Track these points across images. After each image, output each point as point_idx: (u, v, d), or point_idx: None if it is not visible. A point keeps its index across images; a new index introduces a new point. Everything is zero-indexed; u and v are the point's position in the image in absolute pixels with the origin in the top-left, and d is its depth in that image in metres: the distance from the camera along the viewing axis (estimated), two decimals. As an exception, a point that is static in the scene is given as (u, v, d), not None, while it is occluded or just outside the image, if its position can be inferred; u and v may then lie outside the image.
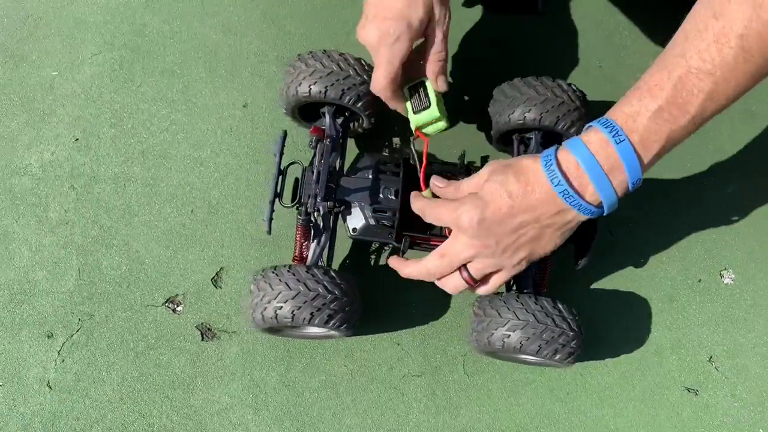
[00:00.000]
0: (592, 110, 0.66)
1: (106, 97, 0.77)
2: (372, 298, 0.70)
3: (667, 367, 0.72)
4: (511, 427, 0.69)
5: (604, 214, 0.53)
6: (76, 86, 0.77)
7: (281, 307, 0.58)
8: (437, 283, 0.61)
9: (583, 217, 0.53)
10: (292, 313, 0.58)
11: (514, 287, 0.66)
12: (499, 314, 0.60)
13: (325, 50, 0.65)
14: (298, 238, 0.65)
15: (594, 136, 0.50)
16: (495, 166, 0.55)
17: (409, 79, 0.65)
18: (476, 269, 0.58)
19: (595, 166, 0.50)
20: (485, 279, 0.59)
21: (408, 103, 0.65)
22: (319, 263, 0.64)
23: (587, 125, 0.52)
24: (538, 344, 0.59)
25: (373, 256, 0.73)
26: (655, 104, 0.48)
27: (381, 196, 0.64)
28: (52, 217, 0.73)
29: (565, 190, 0.51)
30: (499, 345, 0.60)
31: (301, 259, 0.65)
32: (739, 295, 0.75)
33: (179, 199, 0.74)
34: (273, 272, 0.60)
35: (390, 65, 0.60)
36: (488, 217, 0.53)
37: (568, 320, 0.60)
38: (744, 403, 0.71)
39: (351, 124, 0.71)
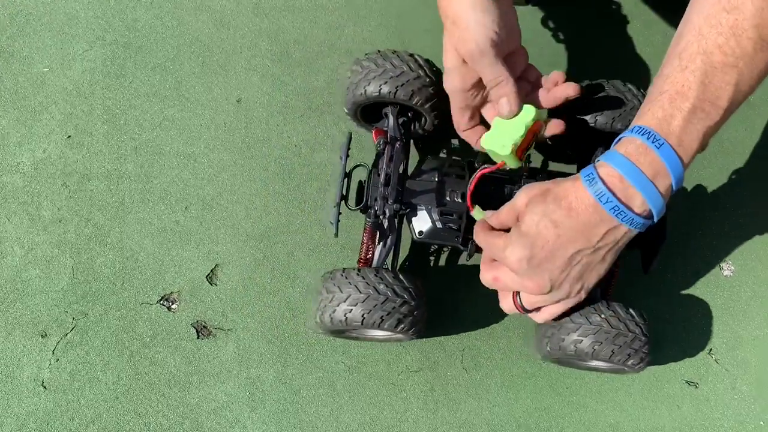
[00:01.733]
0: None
1: (98, 93, 0.76)
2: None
3: (667, 360, 0.72)
4: (511, 422, 0.69)
5: (654, 222, 0.51)
6: (67, 83, 0.77)
7: (351, 310, 0.58)
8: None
9: (634, 232, 0.51)
10: (362, 316, 0.58)
11: None
12: (570, 319, 0.59)
13: (394, 50, 0.64)
14: (365, 240, 0.64)
15: (631, 146, 0.49)
16: (531, 194, 0.52)
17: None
18: (528, 303, 0.57)
19: (639, 175, 0.48)
20: (540, 308, 0.58)
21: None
22: (384, 265, 0.64)
23: (618, 137, 0.51)
24: (611, 349, 0.58)
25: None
26: (688, 104, 0.48)
27: (447, 198, 0.63)
28: (44, 216, 0.72)
29: (616, 206, 0.49)
30: (572, 350, 0.59)
31: (366, 261, 0.65)
32: (739, 287, 0.74)
33: (173, 195, 0.73)
34: (342, 274, 0.59)
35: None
36: (536, 253, 0.51)
37: (640, 325, 0.59)
38: (744, 395, 0.71)
39: (412, 125, 0.70)
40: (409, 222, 0.64)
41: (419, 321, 0.60)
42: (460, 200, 0.63)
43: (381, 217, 0.62)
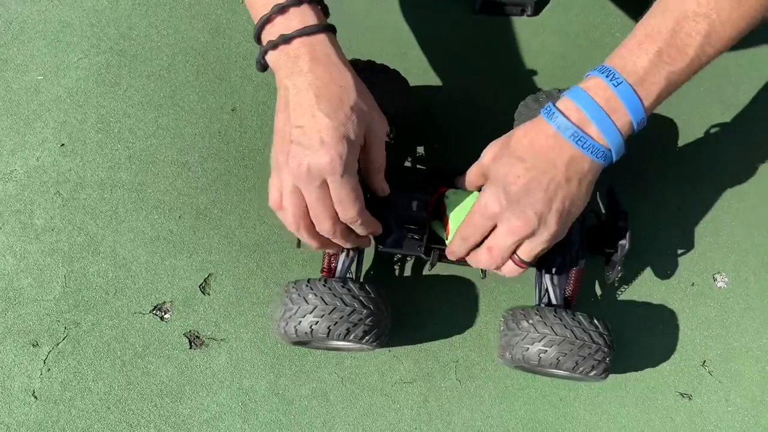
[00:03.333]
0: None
1: (92, 101, 0.76)
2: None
3: (660, 371, 0.72)
4: (504, 433, 0.69)
5: (614, 159, 0.52)
6: (61, 90, 0.76)
7: (317, 322, 0.57)
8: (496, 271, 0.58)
9: (598, 163, 0.52)
10: (328, 328, 0.57)
11: (545, 300, 0.65)
12: (535, 329, 0.60)
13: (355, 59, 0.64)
14: (326, 252, 0.64)
15: (591, 82, 0.51)
16: (495, 148, 0.55)
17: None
18: (526, 251, 0.55)
19: (594, 107, 0.50)
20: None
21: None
22: (348, 275, 0.64)
23: (586, 75, 0.52)
24: (575, 360, 0.58)
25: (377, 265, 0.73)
26: (654, 47, 0.50)
27: (409, 208, 0.62)
28: (37, 224, 0.72)
29: (574, 132, 0.50)
30: (535, 361, 0.59)
31: (330, 271, 0.65)
32: (733, 299, 0.74)
33: (166, 204, 0.73)
34: (307, 285, 0.59)
35: (360, 192, 0.53)
36: (511, 189, 0.51)
37: (604, 336, 0.60)
38: (738, 407, 0.71)
39: None
40: None
41: (384, 331, 0.60)
42: (422, 209, 0.62)
43: None
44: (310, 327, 0.58)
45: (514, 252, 0.55)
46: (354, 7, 0.81)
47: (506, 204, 0.52)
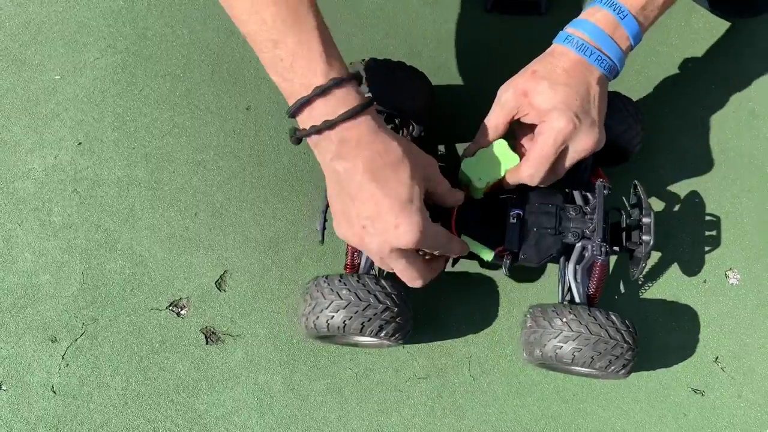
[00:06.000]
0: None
1: (108, 100, 0.77)
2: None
3: (673, 368, 0.72)
4: (517, 429, 0.69)
5: (618, 73, 0.60)
6: (78, 90, 0.77)
7: (333, 317, 0.58)
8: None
9: (609, 78, 0.59)
10: (343, 322, 0.58)
11: (567, 298, 0.65)
12: (551, 325, 0.60)
13: (380, 59, 0.65)
14: (349, 247, 0.65)
15: (598, 14, 0.58)
16: (522, 85, 0.59)
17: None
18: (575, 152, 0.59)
19: (604, 36, 0.57)
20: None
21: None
22: (371, 271, 0.64)
23: (589, 5, 0.59)
24: (590, 356, 0.58)
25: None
26: None
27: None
28: (55, 221, 0.73)
29: (599, 56, 0.57)
30: (552, 356, 0.60)
31: (353, 267, 0.65)
32: (745, 296, 0.74)
33: (183, 202, 0.74)
34: (325, 281, 0.60)
35: (447, 233, 0.57)
36: (577, 110, 0.56)
37: (622, 332, 0.60)
38: (751, 403, 0.71)
39: (399, 132, 0.70)
40: None
41: (402, 327, 0.61)
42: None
43: None
44: (327, 322, 0.59)
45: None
46: (367, 6, 0.82)
47: (579, 123, 0.56)
